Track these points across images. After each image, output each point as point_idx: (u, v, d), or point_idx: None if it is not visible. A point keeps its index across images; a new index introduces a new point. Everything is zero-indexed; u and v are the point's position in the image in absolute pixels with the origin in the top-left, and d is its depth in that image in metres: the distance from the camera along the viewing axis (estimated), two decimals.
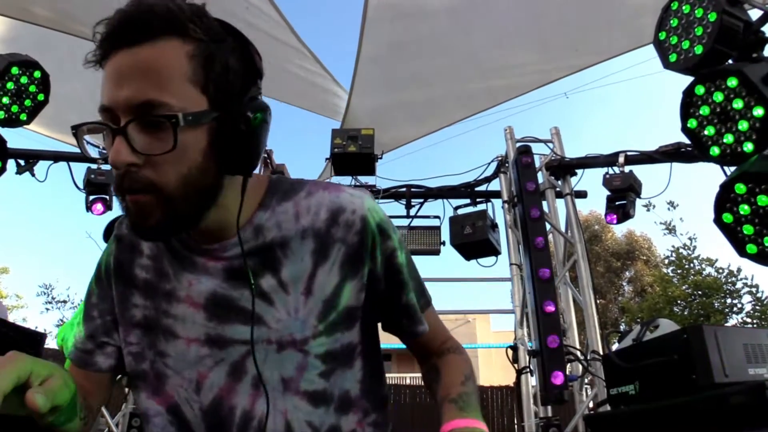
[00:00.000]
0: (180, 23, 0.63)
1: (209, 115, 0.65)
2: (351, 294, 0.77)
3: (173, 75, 0.62)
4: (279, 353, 0.74)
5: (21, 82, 2.69)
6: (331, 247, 0.76)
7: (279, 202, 0.77)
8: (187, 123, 0.62)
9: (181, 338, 0.76)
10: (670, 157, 3.07)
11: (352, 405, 0.79)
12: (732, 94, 1.88)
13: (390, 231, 0.81)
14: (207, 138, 0.65)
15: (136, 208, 0.65)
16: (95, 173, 3.52)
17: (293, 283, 0.75)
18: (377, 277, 0.80)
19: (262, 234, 0.75)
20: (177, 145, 0.61)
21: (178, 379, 0.76)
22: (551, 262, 3.11)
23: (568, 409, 3.22)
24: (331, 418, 0.76)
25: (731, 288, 9.77)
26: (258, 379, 0.73)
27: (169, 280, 0.77)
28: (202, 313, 0.75)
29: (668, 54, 2.10)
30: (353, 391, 0.79)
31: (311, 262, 0.75)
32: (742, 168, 1.90)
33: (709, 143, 1.99)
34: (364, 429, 0.79)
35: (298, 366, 0.75)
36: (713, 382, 1.51)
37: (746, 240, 1.92)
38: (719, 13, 1.88)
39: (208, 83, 0.65)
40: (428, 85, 4.15)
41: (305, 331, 0.74)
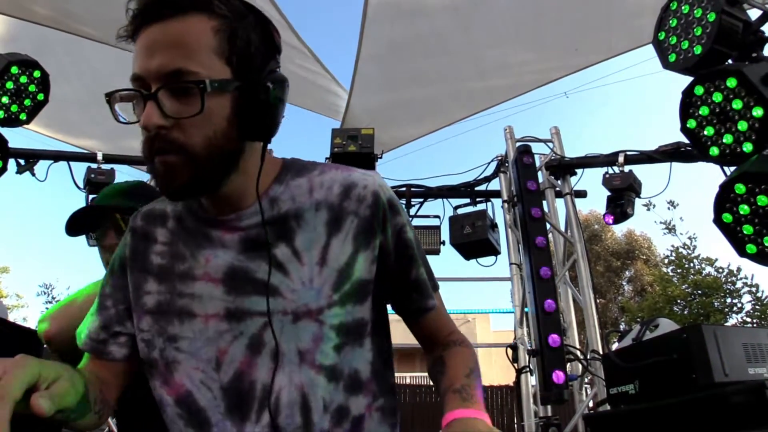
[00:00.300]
0: (206, 1, 0.69)
1: (232, 84, 0.69)
2: (364, 266, 0.78)
3: (200, 47, 0.68)
4: (295, 324, 0.74)
5: (21, 81, 2.68)
6: (344, 218, 0.78)
7: (293, 178, 0.80)
8: (213, 89, 0.67)
9: (198, 316, 0.76)
10: (670, 156, 3.08)
11: (362, 386, 0.78)
12: (731, 94, 1.89)
13: (399, 208, 0.83)
14: (230, 105, 0.70)
15: (164, 169, 0.69)
16: (95, 173, 3.52)
17: (307, 252, 0.76)
18: (387, 251, 0.81)
19: (277, 205, 0.78)
20: (204, 109, 0.66)
21: (192, 362, 0.76)
22: (551, 261, 3.11)
23: (568, 408, 3.23)
24: (340, 396, 0.76)
25: (731, 287, 9.78)
26: (275, 351, 0.73)
27: (185, 260, 0.78)
28: (221, 288, 0.76)
29: (668, 54, 2.10)
30: (363, 371, 0.79)
31: (325, 232, 0.77)
32: (742, 168, 1.90)
33: (708, 143, 2.00)
34: (371, 414, 0.79)
35: (314, 337, 0.75)
36: (713, 381, 1.51)
37: (746, 240, 1.92)
38: (718, 13, 1.89)
39: (232, 55, 0.70)
40: (428, 85, 4.15)
41: (320, 300, 0.75)
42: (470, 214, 3.79)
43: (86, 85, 4.27)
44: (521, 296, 3.51)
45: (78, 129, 4.48)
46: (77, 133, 4.46)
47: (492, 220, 3.79)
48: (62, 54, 3.84)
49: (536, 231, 3.16)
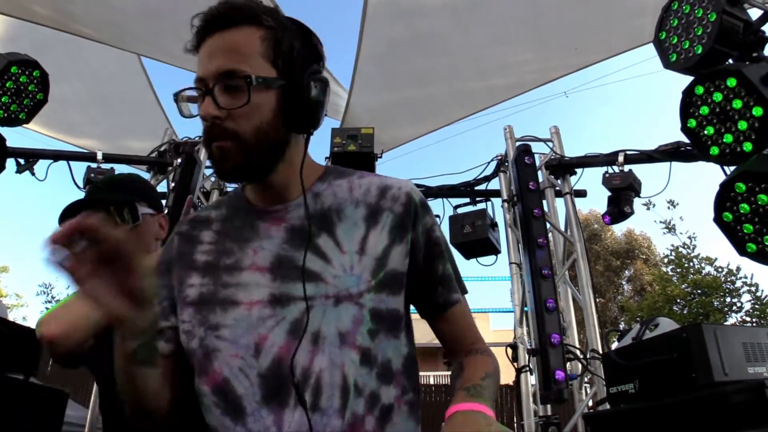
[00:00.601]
0: (255, 15, 0.82)
1: (277, 82, 0.81)
2: (398, 258, 0.85)
3: (250, 51, 0.80)
4: (336, 307, 0.80)
5: (20, 81, 2.68)
6: (381, 214, 0.87)
7: (335, 179, 0.91)
8: (258, 84, 0.79)
9: (242, 304, 0.81)
10: (670, 156, 3.08)
11: (393, 377, 0.82)
12: (731, 94, 1.89)
13: (430, 210, 0.92)
14: (275, 100, 0.81)
15: (220, 154, 0.81)
16: (95, 172, 3.52)
17: (348, 243, 0.84)
18: (418, 246, 0.89)
19: (320, 200, 0.87)
20: (250, 100, 0.78)
21: (232, 350, 0.79)
22: (551, 260, 3.12)
23: (568, 407, 3.23)
24: (373, 382, 0.80)
25: (731, 287, 9.79)
26: (317, 334, 0.78)
27: (231, 255, 0.85)
28: (268, 275, 0.82)
29: (668, 54, 2.10)
30: (395, 363, 0.83)
31: (364, 225, 0.86)
32: (742, 167, 1.90)
33: (708, 143, 2.00)
34: (401, 407, 0.83)
35: (354, 319, 0.80)
36: (713, 380, 1.51)
37: (746, 239, 1.92)
38: (719, 13, 1.89)
39: (277, 59, 0.82)
40: (428, 84, 4.15)
41: (360, 285, 0.81)
42: (470, 213, 3.79)
43: (85, 85, 4.27)
44: (521, 295, 3.51)
45: (77, 129, 4.48)
46: (77, 133, 4.46)
47: (492, 219, 3.79)
48: (62, 54, 3.84)
49: (536, 230, 3.16)
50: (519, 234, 3.48)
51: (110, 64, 4.16)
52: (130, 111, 4.57)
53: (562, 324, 3.05)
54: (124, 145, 4.35)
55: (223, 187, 4.04)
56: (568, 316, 3.37)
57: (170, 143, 3.91)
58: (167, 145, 3.91)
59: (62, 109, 4.05)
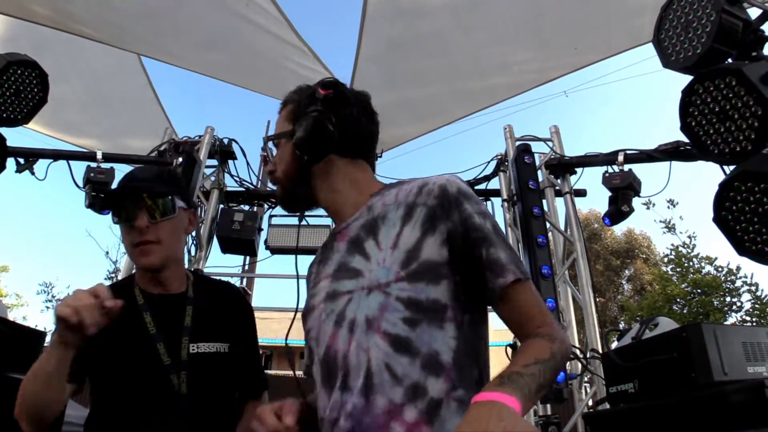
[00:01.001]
0: (289, 98, 1.14)
1: (287, 132, 1.08)
2: (432, 248, 0.90)
3: (281, 121, 1.13)
4: (368, 296, 0.90)
5: (20, 81, 2.68)
6: (415, 210, 0.94)
7: (388, 190, 1.04)
8: (276, 139, 1.12)
9: (315, 308, 1.00)
10: (670, 155, 3.07)
11: (441, 369, 0.84)
12: (731, 93, 1.88)
13: (468, 199, 0.94)
14: (291, 146, 1.06)
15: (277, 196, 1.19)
16: (95, 171, 3.51)
17: (385, 241, 0.94)
18: (456, 234, 0.91)
19: (372, 211, 1.00)
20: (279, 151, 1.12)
21: (315, 346, 0.98)
22: (551, 260, 3.12)
23: (568, 407, 3.23)
24: (416, 373, 0.83)
25: (730, 286, 9.78)
26: (352, 321, 0.90)
27: (319, 273, 1.06)
28: (330, 279, 0.99)
29: (668, 53, 2.10)
30: (444, 355, 0.85)
31: (400, 223, 0.94)
32: (742, 167, 1.90)
33: (708, 142, 1.99)
34: (449, 403, 0.83)
35: (381, 306, 0.88)
36: (712, 380, 1.51)
37: (745, 238, 1.92)
38: (718, 12, 1.88)
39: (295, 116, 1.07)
40: (428, 84, 4.15)
41: (389, 276, 0.89)
42: None
43: (85, 84, 4.27)
44: None
45: (77, 128, 4.48)
46: (76, 133, 4.46)
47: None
48: (61, 54, 3.84)
49: (536, 230, 3.17)
50: (519, 234, 3.47)
51: (110, 63, 4.15)
52: (130, 110, 4.57)
53: (562, 323, 3.05)
54: (123, 145, 4.35)
55: (223, 187, 4.05)
56: (567, 316, 3.37)
57: (170, 142, 3.91)
58: (167, 144, 3.91)
59: (62, 108, 4.05)
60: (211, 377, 1.28)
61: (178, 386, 1.22)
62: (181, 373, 1.23)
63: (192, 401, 1.22)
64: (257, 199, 4.18)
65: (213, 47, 3.95)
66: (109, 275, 11.28)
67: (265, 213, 4.13)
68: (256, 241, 3.89)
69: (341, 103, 1.05)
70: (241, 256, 4.39)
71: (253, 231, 3.77)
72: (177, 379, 1.22)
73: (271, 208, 4.15)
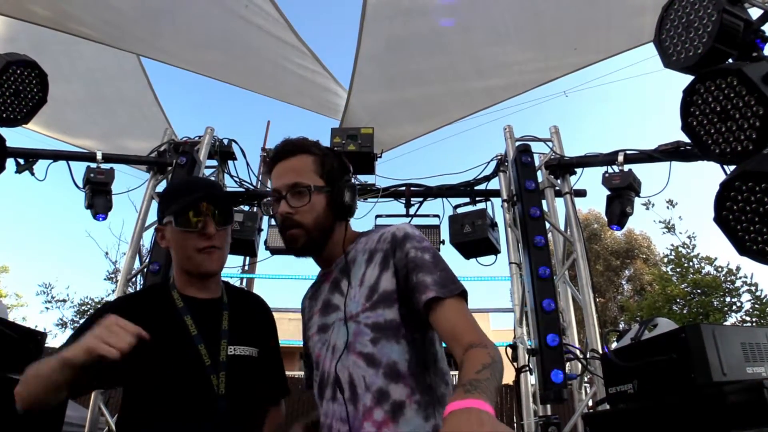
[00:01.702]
0: (307, 147, 1.27)
1: (324, 188, 1.23)
2: (386, 281, 1.14)
3: (306, 170, 1.24)
4: (345, 325, 1.15)
5: (19, 81, 2.68)
6: (375, 254, 1.20)
7: (361, 238, 1.28)
8: (315, 190, 1.21)
9: (311, 338, 1.29)
10: (670, 155, 3.07)
11: (400, 377, 1.06)
12: (732, 93, 1.88)
13: (410, 240, 1.16)
14: (325, 201, 1.23)
15: (291, 239, 1.23)
16: (95, 172, 3.52)
17: (354, 280, 1.19)
18: (399, 267, 1.14)
19: (349, 256, 1.24)
20: (310, 201, 1.21)
21: (314, 367, 1.26)
22: (551, 260, 3.11)
23: (568, 407, 3.22)
24: (380, 380, 1.05)
25: (730, 286, 9.77)
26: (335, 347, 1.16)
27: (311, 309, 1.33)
28: (319, 314, 1.27)
29: (669, 53, 2.09)
30: (401, 365, 1.07)
31: (364, 265, 1.20)
32: (742, 167, 1.90)
33: (709, 142, 1.99)
34: (411, 405, 1.04)
35: (355, 332, 1.12)
36: (711, 380, 1.51)
37: (746, 238, 1.92)
38: (719, 12, 1.88)
39: (324, 173, 1.25)
40: (427, 84, 4.15)
41: (358, 308, 1.15)
42: (470, 213, 3.79)
43: (85, 85, 4.27)
44: (521, 295, 3.51)
45: (77, 129, 4.48)
46: (76, 133, 4.47)
47: (492, 219, 3.78)
48: (60, 54, 3.84)
49: (536, 230, 3.16)
50: (518, 234, 3.47)
51: (109, 64, 4.16)
52: (130, 111, 4.57)
53: (561, 324, 3.05)
54: (123, 145, 4.35)
55: (223, 188, 4.05)
56: (567, 316, 3.37)
57: (170, 143, 3.91)
58: (167, 145, 3.91)
59: (61, 109, 4.05)
60: (246, 379, 1.32)
61: (218, 387, 1.25)
62: (220, 374, 1.27)
63: (229, 402, 1.26)
64: (257, 199, 4.18)
65: (212, 47, 3.95)
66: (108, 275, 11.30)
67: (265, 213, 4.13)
68: (256, 242, 3.89)
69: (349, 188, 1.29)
70: (241, 256, 4.39)
71: (253, 231, 3.77)
72: (216, 380, 1.26)
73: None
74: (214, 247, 1.33)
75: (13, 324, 2.13)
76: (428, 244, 1.17)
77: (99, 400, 3.12)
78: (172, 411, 1.21)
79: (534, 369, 3.16)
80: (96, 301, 11.52)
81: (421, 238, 1.18)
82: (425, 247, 1.15)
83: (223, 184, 4.05)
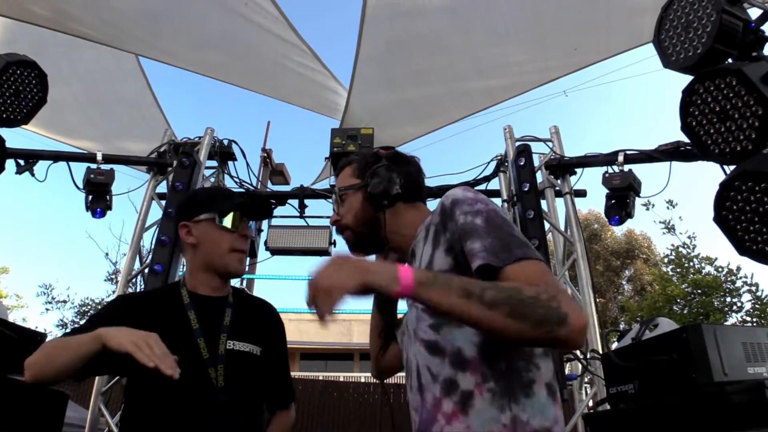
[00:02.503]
0: (350, 160, 1.31)
1: (356, 185, 1.24)
2: (440, 259, 1.03)
3: (344, 178, 1.28)
4: (411, 311, 1.11)
5: (19, 81, 2.68)
6: (430, 229, 1.09)
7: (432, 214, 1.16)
8: (349, 190, 1.24)
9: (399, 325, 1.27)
10: (670, 156, 3.07)
11: (467, 364, 0.95)
12: (731, 93, 1.88)
13: (459, 206, 1.02)
14: (361, 196, 1.22)
15: (346, 241, 1.26)
16: (95, 173, 3.52)
17: (416, 261, 1.12)
18: (454, 240, 1.01)
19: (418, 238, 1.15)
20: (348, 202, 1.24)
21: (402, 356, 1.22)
22: (551, 261, 3.11)
23: (568, 407, 3.22)
24: (447, 369, 0.96)
25: (731, 286, 9.78)
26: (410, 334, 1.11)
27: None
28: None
29: (668, 53, 2.09)
30: (467, 350, 0.95)
31: (422, 243, 1.11)
32: (742, 167, 1.90)
33: (708, 142, 1.99)
34: (482, 393, 0.92)
35: (416, 318, 1.06)
36: (712, 380, 1.51)
37: (746, 238, 1.92)
38: (719, 12, 1.88)
39: (359, 173, 1.25)
40: (427, 84, 4.15)
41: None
42: None
43: (84, 86, 4.27)
44: None
45: (76, 130, 4.48)
46: (76, 135, 4.47)
47: None
48: (60, 56, 3.84)
49: (535, 230, 3.16)
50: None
51: (108, 65, 4.16)
52: (129, 112, 4.57)
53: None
54: (123, 146, 4.35)
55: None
56: None
57: (170, 144, 3.91)
58: (167, 145, 3.91)
59: (61, 110, 4.05)
60: (245, 374, 1.35)
61: (216, 379, 1.29)
62: (219, 367, 1.30)
63: (228, 394, 1.29)
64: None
65: (212, 47, 3.95)
66: (108, 276, 11.30)
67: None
68: (256, 242, 3.89)
69: (401, 161, 1.25)
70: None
71: (252, 232, 3.77)
72: (215, 373, 1.29)
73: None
74: (244, 252, 1.43)
75: (13, 325, 2.12)
76: (482, 206, 1.01)
77: (99, 400, 3.12)
78: (173, 403, 1.24)
79: None
80: (96, 301, 11.53)
81: (473, 201, 1.02)
82: (477, 210, 0.99)
83: (223, 185, 4.05)
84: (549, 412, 0.93)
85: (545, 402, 0.93)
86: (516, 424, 0.89)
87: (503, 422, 0.89)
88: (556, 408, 0.95)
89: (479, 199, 1.03)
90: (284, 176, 8.55)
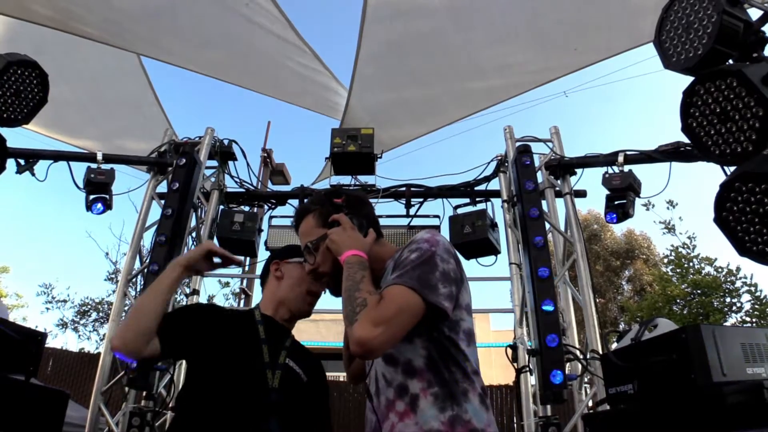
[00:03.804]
0: (308, 209, 1.40)
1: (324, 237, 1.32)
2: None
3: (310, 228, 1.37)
4: None
5: (20, 81, 2.68)
6: (390, 264, 1.25)
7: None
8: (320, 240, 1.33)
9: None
10: (670, 156, 3.07)
11: (416, 372, 1.15)
12: (732, 94, 1.88)
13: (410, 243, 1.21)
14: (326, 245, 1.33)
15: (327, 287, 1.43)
16: (95, 173, 3.52)
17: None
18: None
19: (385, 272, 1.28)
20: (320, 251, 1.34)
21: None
22: (550, 261, 3.11)
23: (568, 408, 3.23)
24: (400, 377, 1.17)
25: (730, 287, 9.77)
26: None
27: None
28: None
29: (669, 54, 2.09)
30: (416, 362, 1.16)
31: (388, 275, 1.22)
32: (742, 167, 1.90)
33: (709, 143, 1.99)
34: (426, 396, 1.13)
35: None
36: (711, 381, 1.51)
37: (746, 239, 1.92)
38: (719, 13, 1.88)
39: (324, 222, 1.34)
40: (428, 84, 4.15)
41: None
42: (470, 213, 3.79)
43: (85, 86, 4.27)
44: (521, 296, 3.51)
45: (77, 129, 4.49)
46: (76, 134, 4.47)
47: (492, 219, 3.78)
48: (61, 55, 3.84)
49: (535, 231, 3.16)
50: (519, 234, 3.47)
51: (110, 65, 4.16)
52: (130, 112, 4.57)
53: (561, 324, 3.05)
54: (123, 146, 4.35)
55: (224, 188, 4.05)
56: (567, 317, 3.37)
57: (170, 143, 3.91)
58: (167, 145, 3.91)
59: (62, 110, 4.06)
60: (296, 388, 1.48)
61: (272, 381, 1.42)
62: (276, 371, 1.44)
63: (280, 396, 1.40)
64: (257, 200, 4.18)
65: (213, 47, 3.96)
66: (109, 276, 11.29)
67: (265, 214, 4.13)
68: (257, 242, 3.89)
69: (358, 204, 1.38)
70: (241, 257, 4.40)
71: (253, 232, 3.77)
72: (272, 375, 1.43)
73: (271, 209, 4.15)
74: (317, 296, 1.61)
75: (13, 324, 2.13)
76: (427, 246, 1.18)
77: (99, 400, 3.12)
78: (229, 396, 1.35)
79: (534, 369, 3.16)
80: (96, 301, 11.51)
81: (422, 240, 1.20)
82: (419, 248, 1.18)
83: (224, 185, 4.05)
84: (482, 416, 1.13)
85: (478, 408, 1.14)
86: (455, 421, 1.10)
87: (442, 420, 1.10)
88: (488, 414, 1.16)
89: (428, 241, 1.20)
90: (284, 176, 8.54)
